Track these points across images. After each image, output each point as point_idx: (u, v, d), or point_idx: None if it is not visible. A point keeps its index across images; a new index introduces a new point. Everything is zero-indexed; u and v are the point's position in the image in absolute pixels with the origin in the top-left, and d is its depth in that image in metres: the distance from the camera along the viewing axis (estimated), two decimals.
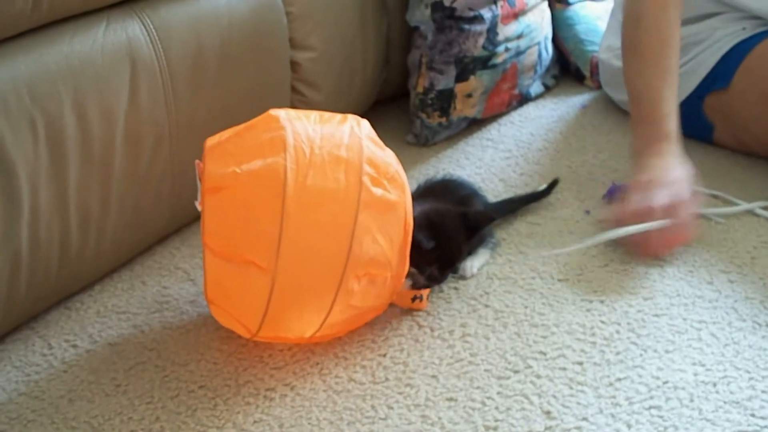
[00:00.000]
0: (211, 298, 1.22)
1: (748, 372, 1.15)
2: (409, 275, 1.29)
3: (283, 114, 1.21)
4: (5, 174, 1.20)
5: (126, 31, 1.36)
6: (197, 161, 1.22)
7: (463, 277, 1.40)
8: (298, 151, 1.15)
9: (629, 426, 1.08)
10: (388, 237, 1.18)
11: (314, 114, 1.24)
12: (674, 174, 1.44)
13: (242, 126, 1.23)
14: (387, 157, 1.23)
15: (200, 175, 1.20)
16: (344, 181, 1.15)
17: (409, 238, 1.22)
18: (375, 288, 1.20)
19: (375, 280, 1.19)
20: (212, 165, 1.18)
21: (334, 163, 1.15)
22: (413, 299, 1.32)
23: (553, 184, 1.62)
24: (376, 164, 1.19)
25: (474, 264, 1.40)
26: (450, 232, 1.33)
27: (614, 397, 1.13)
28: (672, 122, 1.51)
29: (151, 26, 1.39)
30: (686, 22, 1.73)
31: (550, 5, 2.12)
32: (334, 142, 1.18)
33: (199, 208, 1.20)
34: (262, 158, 1.15)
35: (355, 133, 1.21)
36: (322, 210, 1.13)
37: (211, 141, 1.22)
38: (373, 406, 1.15)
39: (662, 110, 1.52)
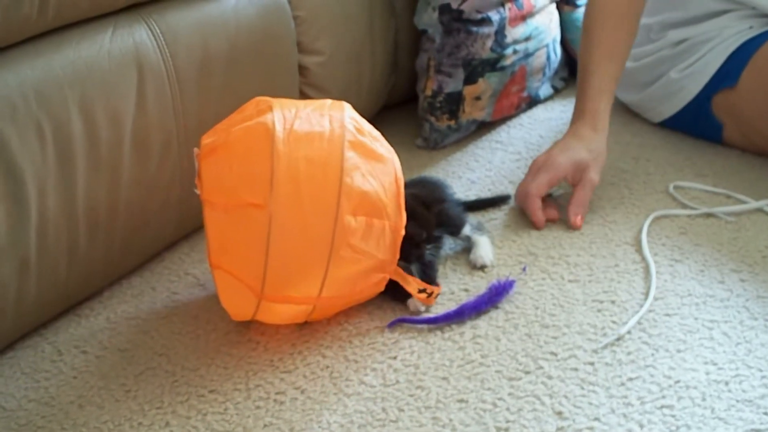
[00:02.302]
0: (214, 261, 1.23)
1: (761, 370, 1.15)
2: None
3: (270, 98, 1.29)
4: (13, 179, 1.21)
5: (133, 37, 1.36)
6: (195, 149, 1.25)
7: (484, 267, 1.41)
8: (285, 111, 1.24)
9: (641, 426, 1.07)
10: (380, 182, 1.24)
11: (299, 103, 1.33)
12: (566, 155, 1.53)
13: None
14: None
15: (198, 161, 1.24)
16: (329, 126, 1.23)
17: (402, 191, 1.27)
18: (374, 234, 1.23)
19: (373, 225, 1.22)
20: (207, 141, 1.25)
21: (318, 116, 1.25)
22: (420, 291, 1.31)
23: (503, 199, 1.64)
24: (359, 123, 1.28)
25: (482, 254, 1.41)
26: None
27: (626, 396, 1.12)
28: (601, 100, 1.57)
29: (158, 31, 1.40)
30: (695, 20, 1.74)
31: (558, 7, 2.12)
32: (316, 106, 1.29)
33: (198, 192, 1.23)
34: (251, 121, 1.24)
35: (336, 103, 1.30)
36: (310, 147, 1.21)
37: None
38: (384, 409, 1.14)
39: (593, 87, 1.58)
